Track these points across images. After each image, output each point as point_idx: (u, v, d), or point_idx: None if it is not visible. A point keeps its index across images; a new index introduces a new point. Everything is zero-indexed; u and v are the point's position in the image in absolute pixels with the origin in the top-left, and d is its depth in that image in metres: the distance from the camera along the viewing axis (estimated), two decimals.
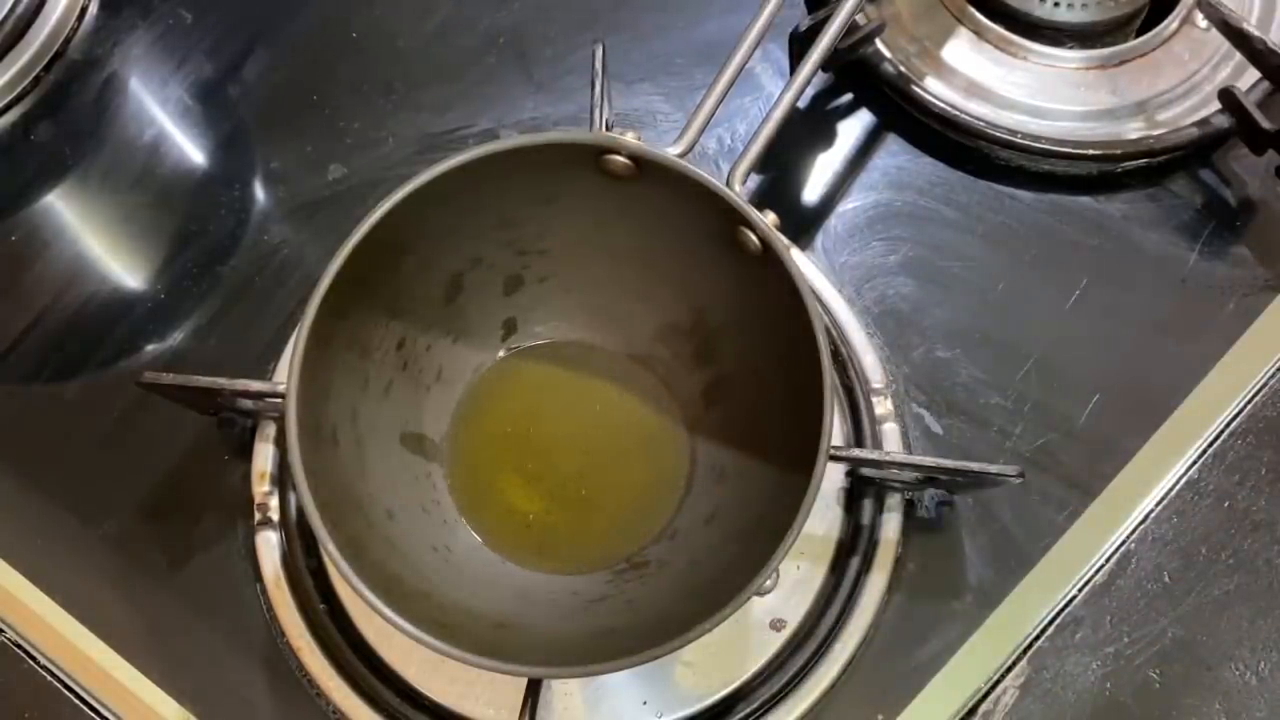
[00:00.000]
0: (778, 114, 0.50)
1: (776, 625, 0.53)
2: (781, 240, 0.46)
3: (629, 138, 0.48)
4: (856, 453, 0.54)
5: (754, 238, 0.47)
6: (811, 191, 0.64)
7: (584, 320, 0.56)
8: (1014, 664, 0.53)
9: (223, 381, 0.53)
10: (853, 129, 0.65)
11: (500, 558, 0.53)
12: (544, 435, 0.55)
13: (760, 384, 0.51)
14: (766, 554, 0.42)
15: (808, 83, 0.52)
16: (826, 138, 0.65)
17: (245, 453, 0.57)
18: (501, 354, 0.56)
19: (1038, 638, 0.53)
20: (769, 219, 0.47)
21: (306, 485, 0.43)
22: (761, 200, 0.63)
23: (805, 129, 0.65)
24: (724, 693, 0.52)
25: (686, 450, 0.54)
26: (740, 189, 0.48)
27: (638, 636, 0.43)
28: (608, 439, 0.55)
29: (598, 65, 0.57)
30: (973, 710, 0.52)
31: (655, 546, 0.52)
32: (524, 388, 0.56)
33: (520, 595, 0.51)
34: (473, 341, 0.56)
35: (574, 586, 0.52)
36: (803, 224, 0.62)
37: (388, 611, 0.42)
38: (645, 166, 0.48)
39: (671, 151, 0.48)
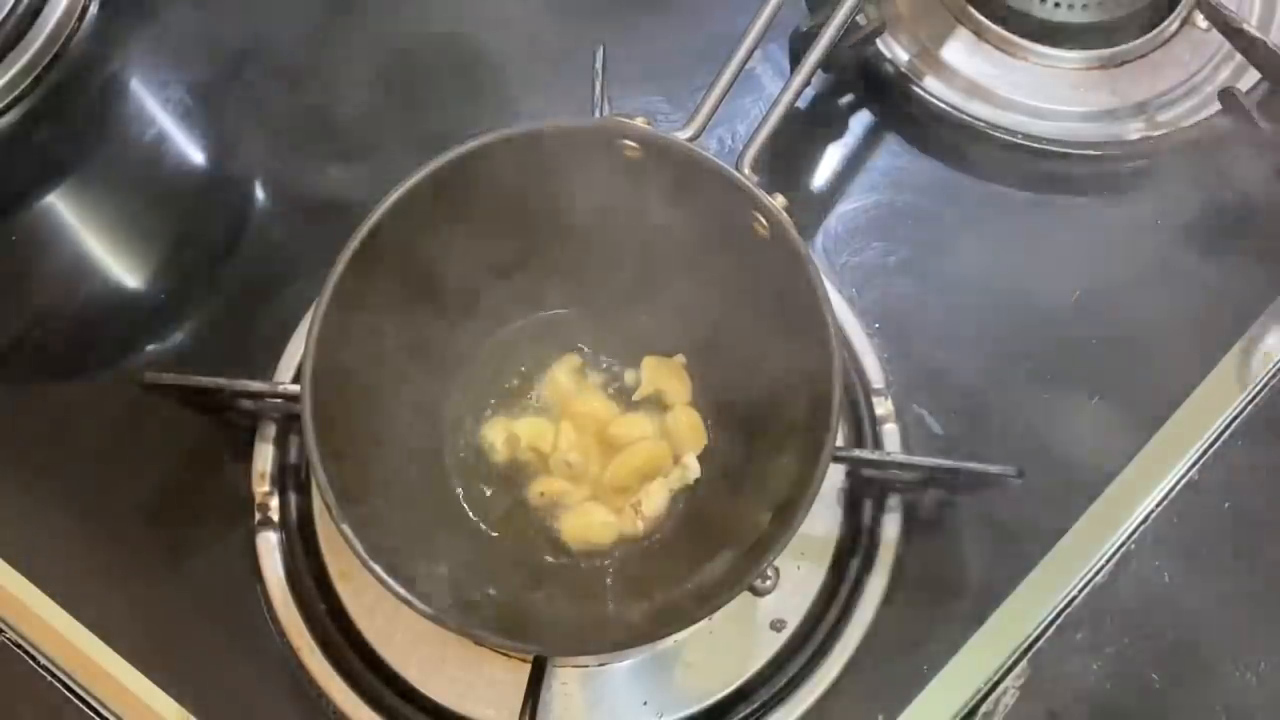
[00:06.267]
0: (780, 108, 0.51)
1: (777, 625, 0.53)
2: (790, 221, 0.46)
3: (638, 122, 0.48)
4: (857, 453, 0.54)
5: (763, 221, 0.47)
6: (812, 192, 0.64)
7: (592, 308, 0.57)
8: (1014, 664, 0.53)
9: (223, 381, 0.53)
10: (853, 129, 0.65)
11: (512, 540, 0.53)
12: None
13: (767, 371, 0.51)
14: (771, 540, 0.43)
15: (808, 81, 0.52)
16: (827, 138, 0.65)
17: (245, 453, 0.57)
18: (514, 336, 0.57)
19: (1038, 638, 0.53)
20: (779, 201, 0.47)
21: (321, 466, 0.44)
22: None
23: (806, 129, 0.65)
24: (724, 693, 0.52)
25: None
26: (748, 173, 0.48)
27: (644, 621, 0.43)
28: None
29: (598, 65, 0.57)
30: (973, 710, 0.52)
31: (661, 534, 0.53)
32: (536, 369, 0.57)
33: (531, 578, 0.52)
34: (486, 322, 0.56)
35: (583, 570, 0.52)
36: (803, 225, 0.62)
37: (400, 590, 0.42)
38: (655, 151, 0.48)
39: (681, 136, 0.48)
